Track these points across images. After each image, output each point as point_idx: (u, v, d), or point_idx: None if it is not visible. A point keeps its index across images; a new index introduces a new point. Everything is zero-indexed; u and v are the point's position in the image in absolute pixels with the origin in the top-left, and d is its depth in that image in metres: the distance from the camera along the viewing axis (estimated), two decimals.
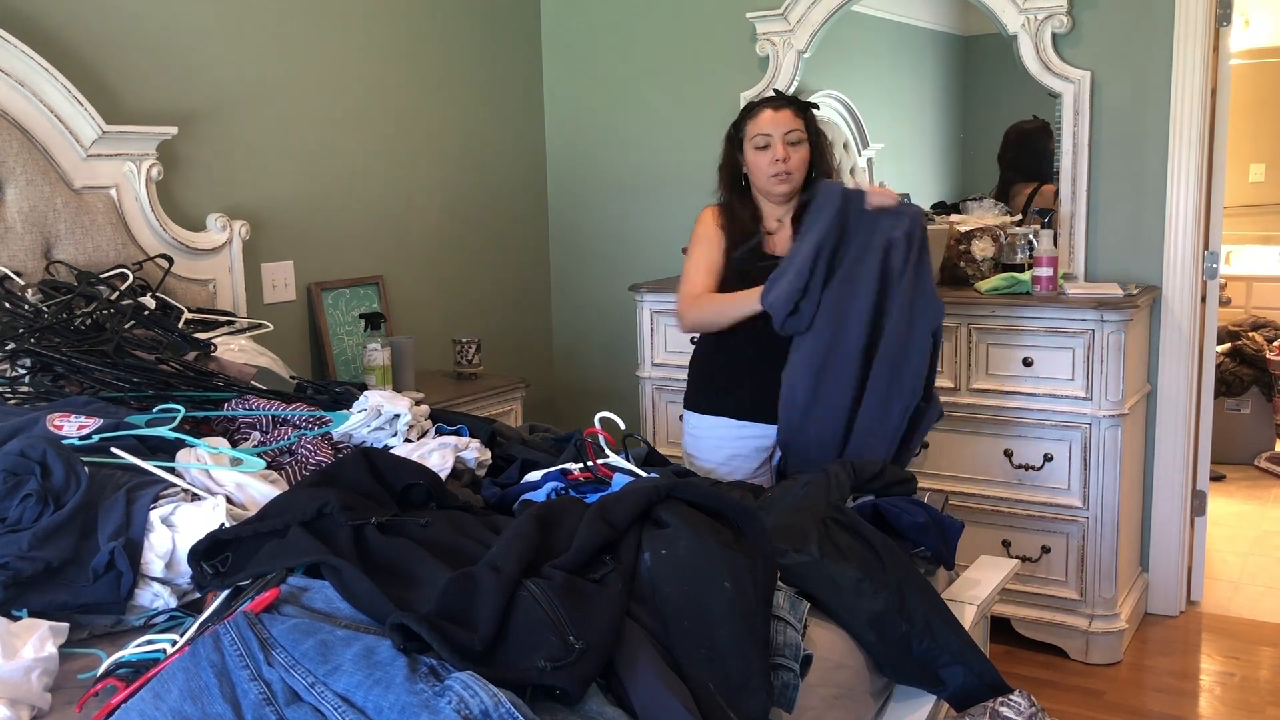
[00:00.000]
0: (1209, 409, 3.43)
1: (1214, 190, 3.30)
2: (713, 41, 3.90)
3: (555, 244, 4.38)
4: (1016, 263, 3.30)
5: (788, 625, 1.45)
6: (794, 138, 2.55)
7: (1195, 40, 3.15)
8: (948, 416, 3.17)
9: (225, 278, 3.04)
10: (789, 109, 2.56)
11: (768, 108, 2.58)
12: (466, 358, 3.62)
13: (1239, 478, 4.79)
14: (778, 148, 2.53)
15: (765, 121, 2.56)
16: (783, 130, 2.54)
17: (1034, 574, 3.14)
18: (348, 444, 2.02)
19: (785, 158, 2.54)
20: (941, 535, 1.91)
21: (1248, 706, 2.88)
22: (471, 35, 3.95)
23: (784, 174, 2.55)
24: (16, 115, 2.59)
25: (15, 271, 2.50)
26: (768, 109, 2.57)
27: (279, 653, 1.19)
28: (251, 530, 1.47)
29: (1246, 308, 5.60)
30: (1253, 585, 3.66)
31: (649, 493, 1.55)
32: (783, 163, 2.53)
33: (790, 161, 2.54)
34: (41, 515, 1.56)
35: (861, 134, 3.97)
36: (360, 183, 3.56)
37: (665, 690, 1.23)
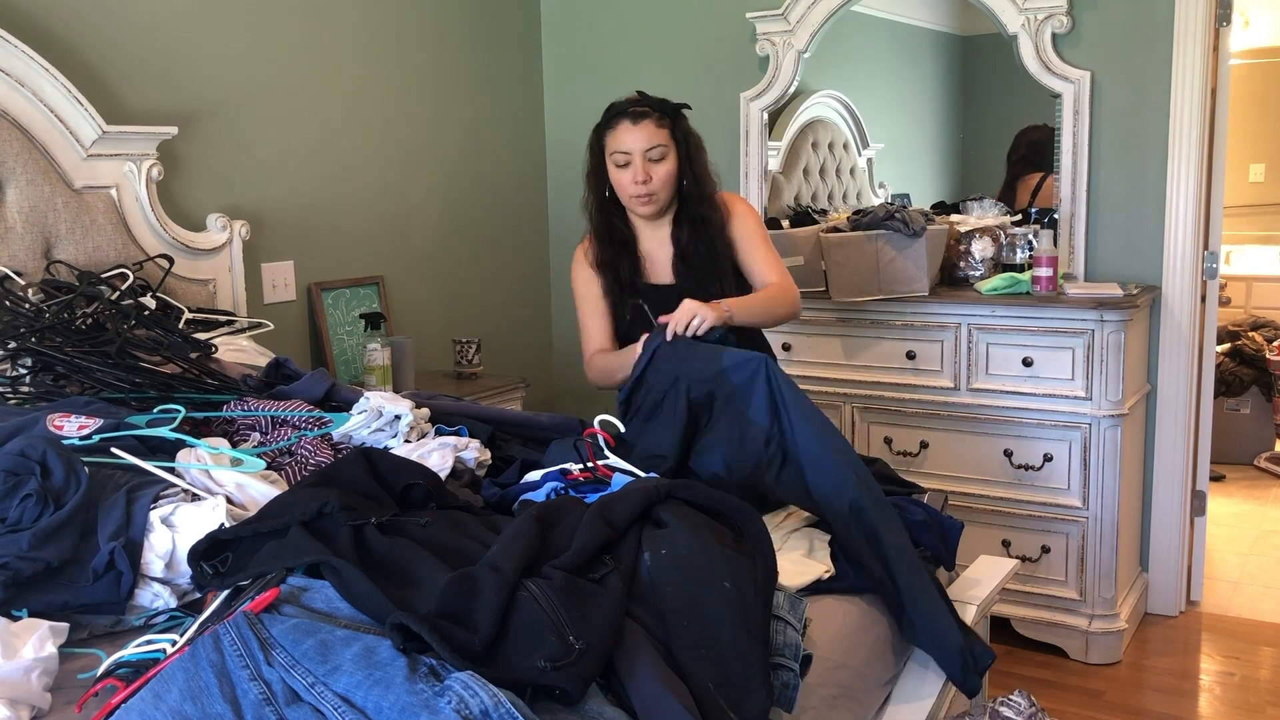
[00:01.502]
0: (1209, 409, 3.43)
1: (1214, 190, 3.30)
2: (713, 41, 3.91)
3: (555, 244, 4.38)
4: (1016, 263, 3.30)
5: (788, 625, 1.45)
6: (656, 154, 2.34)
7: (1195, 40, 3.15)
8: (948, 416, 3.18)
9: (225, 278, 3.04)
10: (649, 120, 2.34)
11: (625, 119, 2.36)
12: (466, 358, 3.62)
13: (1239, 478, 4.79)
14: (638, 167, 2.34)
15: (624, 136, 2.35)
16: (643, 146, 2.33)
17: (1034, 574, 3.14)
18: (347, 445, 2.01)
19: (646, 178, 2.34)
20: (941, 535, 1.91)
21: (1248, 706, 2.88)
22: (471, 35, 3.95)
23: (645, 195, 2.36)
24: (16, 115, 2.59)
25: (15, 271, 2.50)
26: (625, 120, 2.36)
27: (279, 653, 1.19)
28: (251, 530, 1.47)
29: (1246, 308, 5.61)
30: (1253, 585, 3.66)
31: (649, 493, 1.55)
32: (644, 184, 2.34)
33: (653, 181, 2.34)
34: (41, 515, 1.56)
35: (861, 134, 3.97)
36: (360, 183, 3.56)
37: (665, 690, 1.23)
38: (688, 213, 2.41)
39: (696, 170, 2.40)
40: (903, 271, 3.17)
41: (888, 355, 3.26)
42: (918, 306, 3.18)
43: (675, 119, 2.39)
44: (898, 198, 3.88)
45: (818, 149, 3.90)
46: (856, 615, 1.71)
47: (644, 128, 2.33)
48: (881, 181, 4.02)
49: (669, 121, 2.37)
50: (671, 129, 2.37)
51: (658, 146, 2.34)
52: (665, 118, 2.36)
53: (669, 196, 2.39)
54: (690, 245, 2.40)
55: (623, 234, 2.46)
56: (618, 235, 2.46)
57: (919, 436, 3.24)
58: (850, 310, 3.28)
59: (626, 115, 2.36)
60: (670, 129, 2.36)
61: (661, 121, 2.35)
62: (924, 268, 3.17)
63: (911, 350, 3.22)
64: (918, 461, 3.25)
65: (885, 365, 3.27)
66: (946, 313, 3.15)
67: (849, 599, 1.73)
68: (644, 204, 2.38)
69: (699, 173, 2.40)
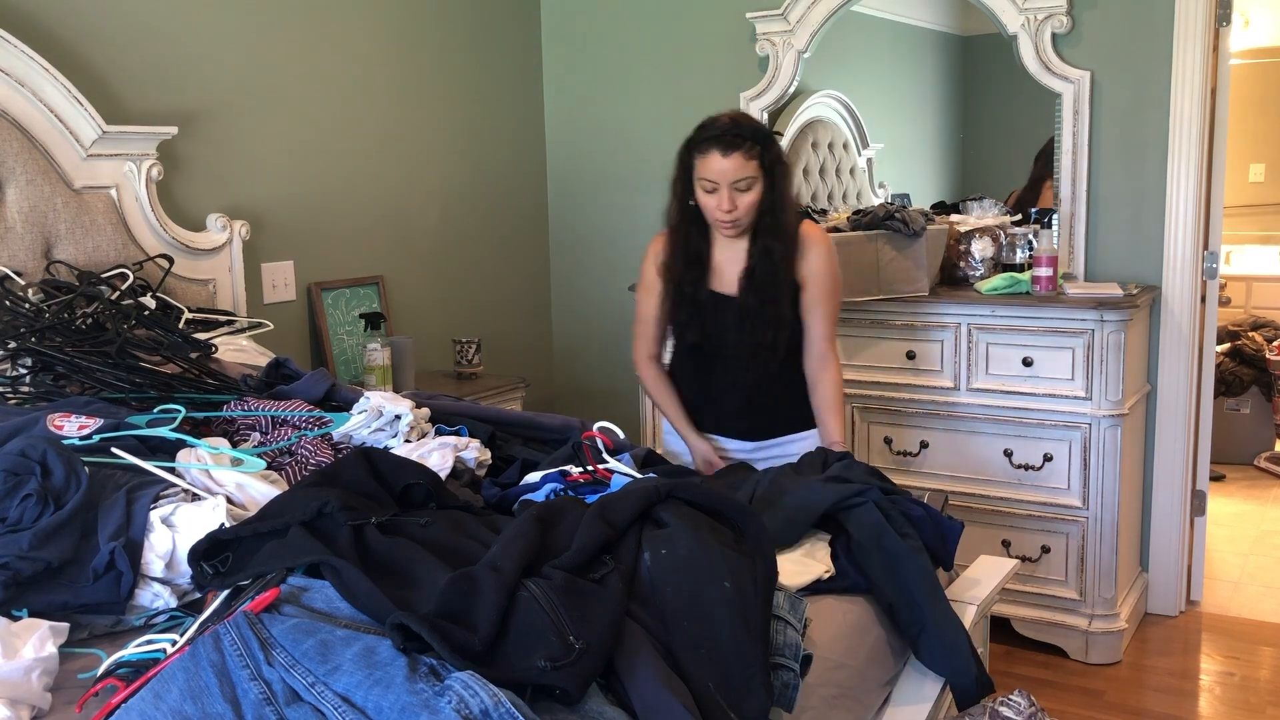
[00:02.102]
0: (1209, 409, 3.43)
1: (1214, 190, 3.30)
2: (713, 41, 3.91)
3: (555, 244, 4.38)
4: (1016, 263, 3.30)
5: (788, 625, 1.45)
6: (744, 185, 2.35)
7: (1195, 40, 3.15)
8: (948, 416, 3.18)
9: (225, 278, 3.04)
10: (739, 153, 2.33)
11: (716, 149, 2.34)
12: (466, 358, 3.63)
13: (1239, 478, 4.79)
14: (724, 196, 2.36)
15: (713, 167, 2.35)
16: (730, 179, 2.34)
17: (1034, 574, 3.14)
18: (348, 445, 2.01)
19: (731, 207, 2.36)
20: (940, 535, 1.91)
21: (1248, 706, 2.88)
22: (471, 36, 3.95)
23: (729, 222, 2.39)
24: (16, 115, 2.59)
25: (15, 271, 2.50)
26: (716, 151, 2.34)
27: (279, 652, 1.19)
28: (251, 530, 1.47)
29: (1246, 308, 5.60)
30: (1253, 585, 3.66)
31: (649, 492, 1.55)
32: (728, 211, 2.37)
33: (737, 210, 2.37)
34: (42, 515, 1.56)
35: (861, 134, 3.97)
36: (360, 183, 3.56)
37: (665, 690, 1.23)
38: (766, 233, 2.43)
39: (779, 198, 2.41)
40: (903, 271, 3.17)
41: (888, 355, 3.26)
42: (918, 306, 3.18)
43: (765, 147, 2.38)
44: (898, 198, 3.88)
45: (818, 149, 3.90)
46: (856, 615, 1.71)
47: (734, 160, 2.33)
48: (881, 181, 4.02)
49: (759, 150, 2.36)
50: (761, 158, 2.36)
51: (745, 179, 2.35)
52: (756, 146, 2.35)
53: (751, 220, 2.42)
54: (760, 264, 2.43)
55: (697, 245, 2.49)
56: (693, 247, 2.48)
57: (919, 436, 3.24)
58: (850, 310, 3.28)
59: (718, 144, 2.34)
60: (760, 158, 2.36)
61: (751, 152, 2.34)
62: (924, 268, 3.17)
63: (911, 350, 3.22)
64: (918, 461, 3.25)
65: (885, 365, 3.27)
66: (946, 313, 3.15)
67: (849, 599, 1.73)
68: (727, 229, 2.42)
69: (780, 201, 2.42)
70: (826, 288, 2.49)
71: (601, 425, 2.09)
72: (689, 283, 2.48)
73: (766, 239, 2.42)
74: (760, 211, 2.41)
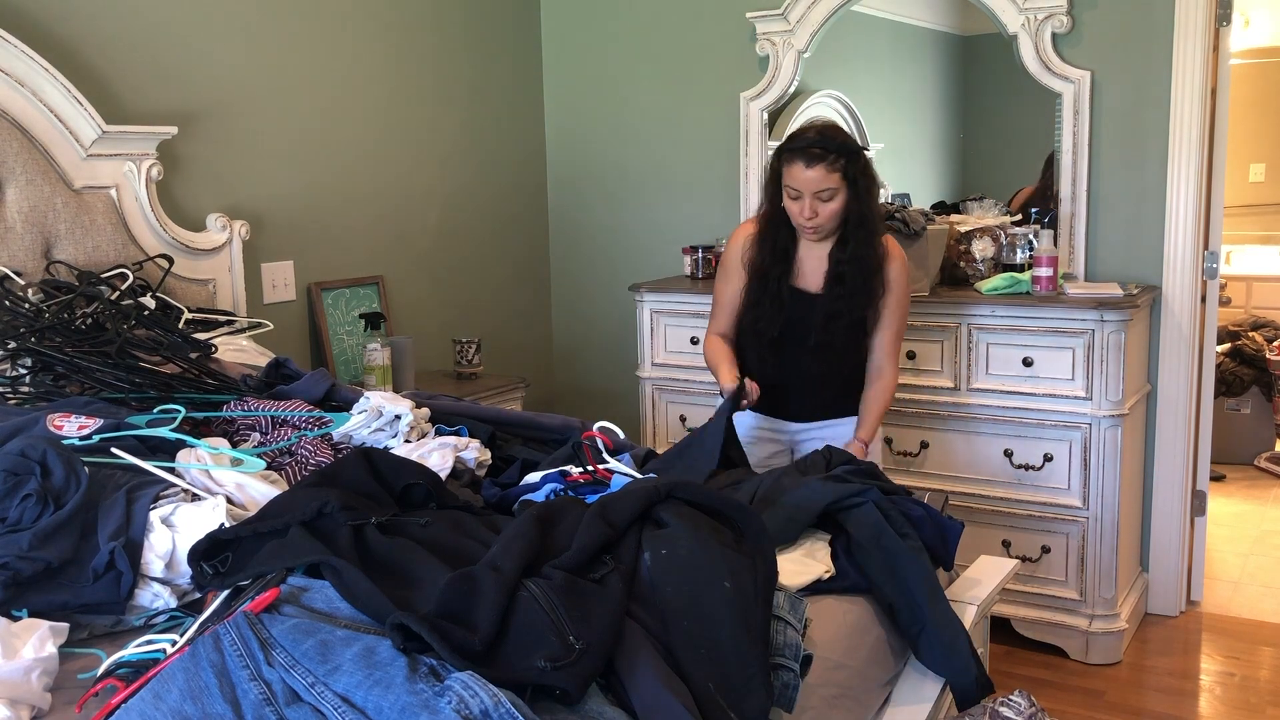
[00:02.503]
0: (1209, 409, 3.42)
1: (1214, 190, 3.30)
2: (713, 41, 3.91)
3: (555, 244, 4.38)
4: (1016, 263, 3.30)
5: (788, 625, 1.45)
6: (826, 195, 2.46)
7: (1195, 40, 3.15)
8: (948, 416, 3.18)
9: (225, 278, 3.04)
10: (822, 165, 2.43)
11: (801, 160, 2.45)
12: (466, 358, 3.63)
13: (1239, 478, 4.79)
14: (806, 204, 2.47)
15: (797, 177, 2.46)
16: (813, 189, 2.45)
17: (1034, 574, 3.14)
18: (348, 445, 2.01)
19: (813, 215, 2.48)
20: (941, 535, 1.91)
21: (1248, 706, 2.88)
22: (471, 35, 3.95)
23: (811, 228, 2.51)
24: (16, 115, 2.59)
25: (15, 271, 2.50)
26: (799, 162, 2.45)
27: (279, 653, 1.19)
28: (251, 530, 1.47)
29: (1246, 308, 5.60)
30: (1253, 585, 3.66)
31: (649, 493, 1.55)
32: (809, 219, 2.48)
33: (819, 218, 2.48)
34: (41, 515, 1.56)
35: (861, 134, 3.97)
36: (360, 182, 3.56)
37: (665, 690, 1.23)
38: (851, 240, 2.53)
39: (864, 209, 2.51)
40: None
41: None
42: (918, 306, 3.17)
43: (850, 160, 2.46)
44: (898, 198, 3.88)
45: None
46: (856, 615, 1.71)
47: (817, 171, 2.43)
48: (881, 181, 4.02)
49: (842, 163, 2.45)
50: (845, 171, 2.45)
51: (827, 190, 2.45)
52: (839, 159, 2.45)
53: (834, 227, 2.52)
54: (848, 267, 2.53)
55: (784, 242, 2.58)
56: (780, 243, 2.57)
57: (919, 436, 3.24)
58: None
59: (803, 155, 2.45)
60: (843, 171, 2.45)
61: (834, 165, 2.44)
62: (924, 268, 3.17)
63: (911, 350, 3.21)
64: (918, 461, 3.25)
65: None
66: (946, 313, 3.15)
67: (849, 599, 1.73)
68: (810, 234, 2.53)
69: (865, 212, 2.51)
70: (899, 300, 2.60)
71: (601, 425, 2.09)
72: (774, 278, 2.57)
73: (858, 246, 2.52)
74: (846, 219, 2.51)
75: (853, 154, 2.49)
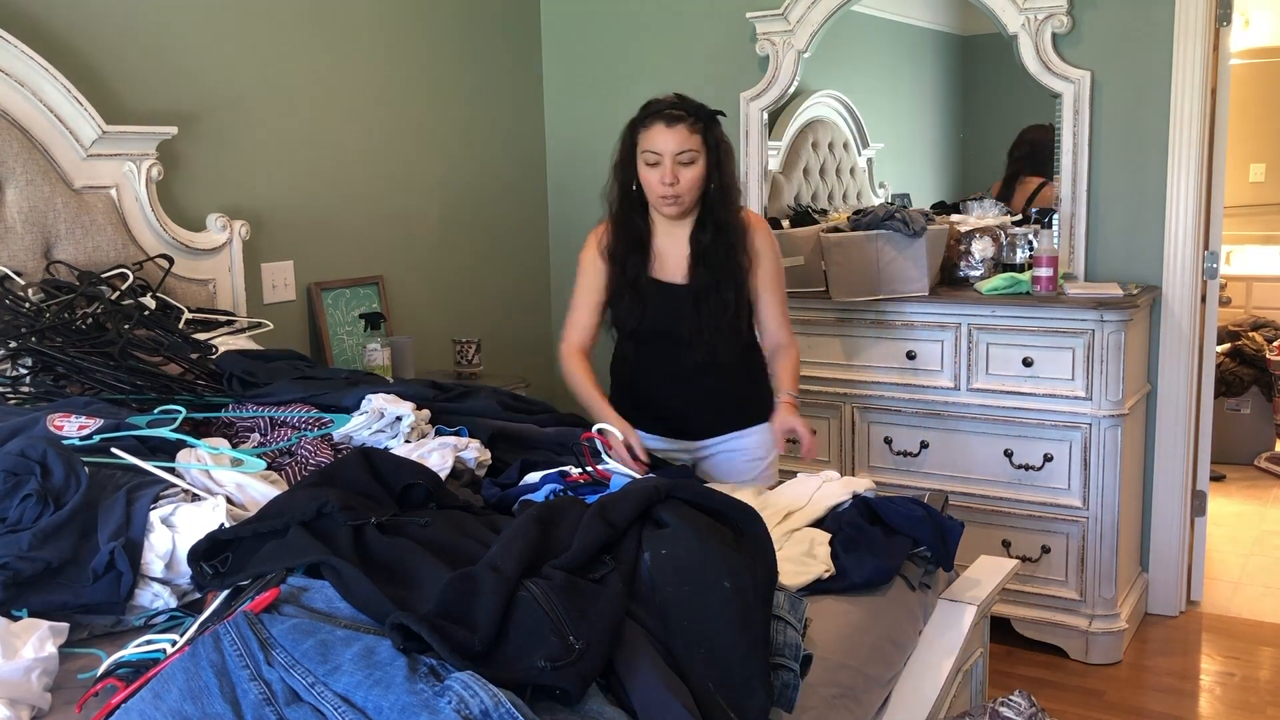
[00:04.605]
0: (1209, 409, 3.42)
1: (1214, 190, 3.30)
2: (713, 41, 3.90)
3: (555, 244, 4.38)
4: (1016, 263, 3.30)
5: (788, 625, 1.45)
6: (686, 158, 2.34)
7: (1195, 40, 3.15)
8: (948, 416, 3.18)
9: (225, 278, 3.04)
10: (683, 124, 2.34)
11: (660, 121, 2.36)
12: (466, 358, 3.62)
13: (1239, 478, 4.79)
14: (667, 169, 2.34)
15: (657, 137, 2.35)
16: (674, 149, 2.33)
17: (1034, 574, 3.14)
18: (348, 446, 2.01)
19: (674, 180, 2.34)
20: (941, 535, 1.91)
21: (1248, 706, 2.88)
22: (471, 35, 3.95)
23: (672, 197, 2.37)
24: (16, 115, 2.59)
25: (15, 271, 2.50)
26: (660, 122, 2.35)
27: (279, 653, 1.19)
28: (251, 530, 1.47)
29: (1246, 308, 5.60)
30: (1253, 585, 3.66)
31: (649, 493, 1.55)
32: (670, 185, 2.35)
33: (680, 184, 2.35)
34: (41, 515, 1.56)
35: (861, 134, 3.97)
36: (360, 183, 3.56)
37: (665, 690, 1.23)
38: (711, 216, 2.43)
39: (724, 178, 2.41)
40: (903, 271, 3.17)
41: (888, 355, 3.26)
42: (918, 306, 3.18)
43: (709, 125, 2.39)
44: (898, 198, 3.89)
45: (818, 149, 3.90)
46: (856, 615, 1.71)
47: (677, 131, 2.34)
48: (881, 181, 4.02)
49: (702, 127, 2.37)
50: (704, 135, 2.37)
51: (688, 151, 2.34)
52: (699, 123, 2.37)
53: (694, 199, 2.41)
54: (711, 248, 2.42)
55: (639, 229, 2.47)
56: (634, 229, 2.47)
57: (919, 436, 3.24)
58: (850, 310, 3.28)
59: (662, 117, 2.36)
60: (703, 135, 2.37)
61: (695, 127, 2.36)
62: (924, 268, 3.17)
63: (911, 350, 3.22)
64: (918, 461, 3.25)
65: (885, 365, 3.27)
66: (946, 313, 3.15)
67: (849, 599, 1.73)
68: (669, 204, 2.39)
69: (726, 181, 2.42)
70: (774, 269, 2.49)
71: (600, 426, 2.09)
72: (632, 266, 2.45)
73: (722, 214, 2.42)
74: (706, 192, 2.41)
75: (711, 118, 2.41)
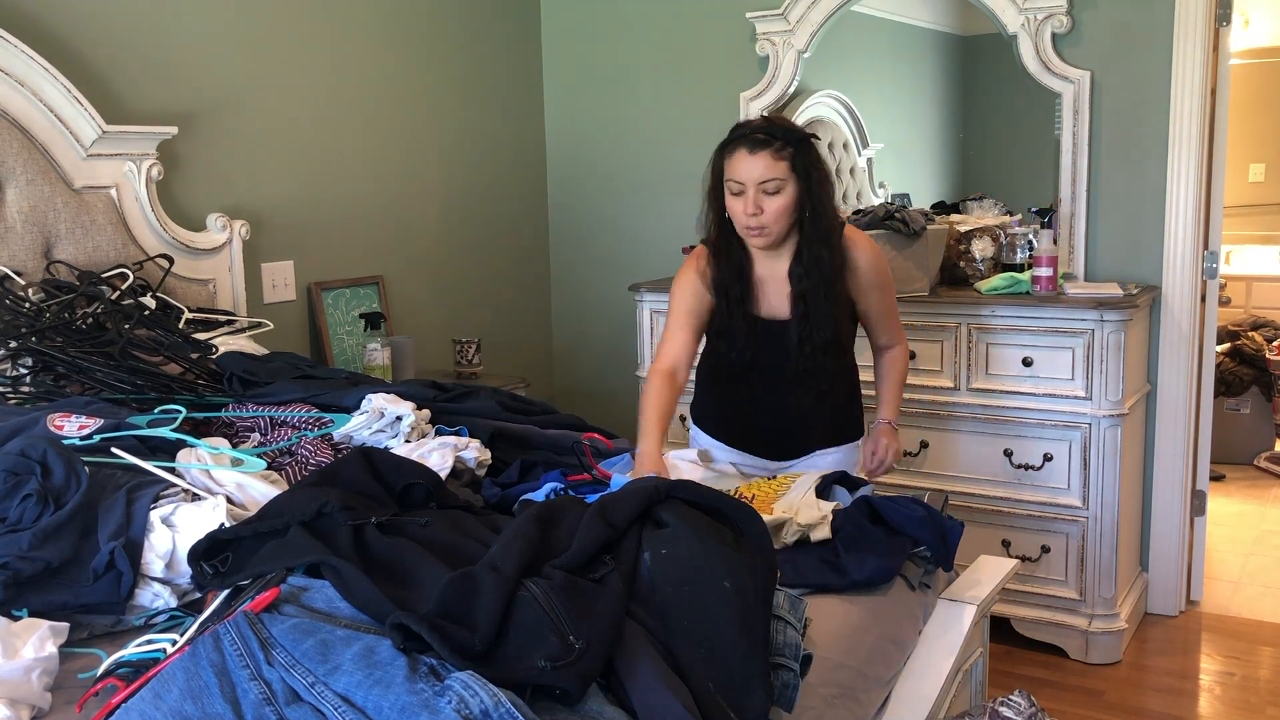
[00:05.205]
0: (1209, 409, 3.42)
1: (1214, 190, 3.30)
2: (713, 41, 3.90)
3: (555, 244, 4.38)
4: (1016, 263, 3.30)
5: (788, 625, 1.45)
6: (772, 187, 2.18)
7: (1195, 40, 3.15)
8: (948, 416, 3.18)
9: (225, 278, 3.04)
10: (767, 151, 2.17)
11: (743, 147, 2.20)
12: (466, 358, 3.63)
13: (1239, 478, 4.79)
14: (750, 199, 2.19)
15: (739, 164, 2.19)
16: (757, 179, 2.18)
17: (1034, 574, 3.14)
18: (348, 445, 2.01)
19: (757, 211, 2.19)
20: (941, 535, 1.91)
21: (1248, 706, 2.87)
22: (471, 35, 3.95)
23: (757, 229, 2.21)
24: (16, 115, 2.59)
25: (15, 271, 2.50)
26: (742, 149, 2.20)
27: (279, 652, 1.19)
28: (251, 530, 1.47)
29: (1246, 308, 5.60)
30: (1253, 585, 3.66)
31: (649, 492, 1.55)
32: (754, 216, 2.19)
33: (765, 215, 2.19)
34: (41, 515, 1.56)
35: (861, 134, 3.97)
36: (360, 183, 3.56)
37: (665, 690, 1.23)
38: (808, 249, 2.26)
39: (817, 206, 2.23)
40: (903, 271, 3.17)
41: None
42: (918, 306, 3.18)
43: (799, 149, 2.21)
44: (898, 198, 3.88)
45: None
46: (856, 615, 1.71)
47: (761, 158, 2.17)
48: (881, 181, 4.02)
49: (791, 152, 2.19)
50: (792, 161, 2.19)
51: (773, 180, 2.18)
52: (787, 147, 2.19)
53: (783, 230, 2.24)
54: (810, 286, 2.27)
55: (738, 260, 2.31)
56: (735, 258, 2.30)
57: (919, 436, 3.24)
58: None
59: (745, 142, 2.20)
60: (791, 161, 2.19)
61: (781, 152, 2.18)
62: (924, 268, 3.17)
63: (911, 350, 3.21)
64: (918, 461, 3.25)
65: None
66: (946, 313, 3.15)
67: (849, 599, 1.73)
68: (754, 236, 2.24)
69: (819, 209, 2.23)
70: (878, 282, 2.35)
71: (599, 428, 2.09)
72: (734, 300, 2.30)
73: (814, 252, 2.26)
74: (801, 224, 2.25)
75: (802, 142, 2.22)
